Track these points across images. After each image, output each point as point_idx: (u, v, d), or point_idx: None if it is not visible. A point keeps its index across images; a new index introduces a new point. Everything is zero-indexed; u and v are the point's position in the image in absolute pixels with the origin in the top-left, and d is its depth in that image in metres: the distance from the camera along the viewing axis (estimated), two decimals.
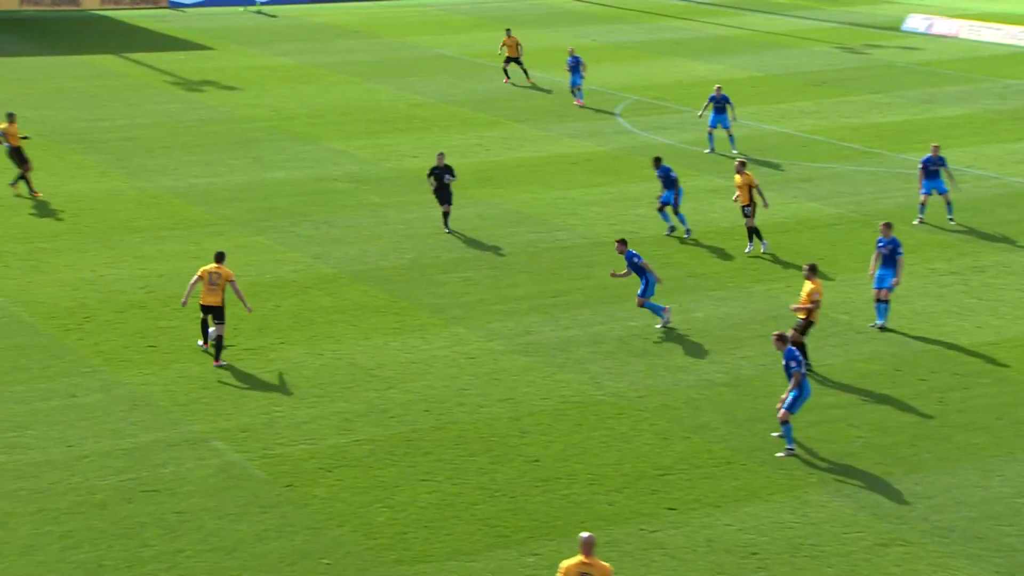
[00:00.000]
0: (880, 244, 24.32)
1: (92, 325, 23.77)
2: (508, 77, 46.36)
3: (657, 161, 29.56)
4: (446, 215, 29.51)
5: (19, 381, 21.29)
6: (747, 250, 28.28)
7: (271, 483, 18.24)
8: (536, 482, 18.43)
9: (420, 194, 32.46)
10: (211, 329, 22.23)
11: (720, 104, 36.71)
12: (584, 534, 13.70)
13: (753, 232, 28.35)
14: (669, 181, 29.17)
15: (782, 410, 19.17)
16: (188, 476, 18.34)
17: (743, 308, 25.33)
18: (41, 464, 18.54)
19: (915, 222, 30.44)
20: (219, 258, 22.42)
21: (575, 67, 43.00)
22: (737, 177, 28.18)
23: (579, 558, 13.61)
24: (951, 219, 30.64)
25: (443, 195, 29.32)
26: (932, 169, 30.24)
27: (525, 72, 46.19)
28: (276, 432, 19.77)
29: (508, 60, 46.02)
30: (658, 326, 24.06)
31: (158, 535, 16.82)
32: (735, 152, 36.74)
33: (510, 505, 17.80)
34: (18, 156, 31.49)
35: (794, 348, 19.45)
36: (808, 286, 21.94)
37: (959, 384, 21.96)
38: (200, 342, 22.71)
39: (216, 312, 21.96)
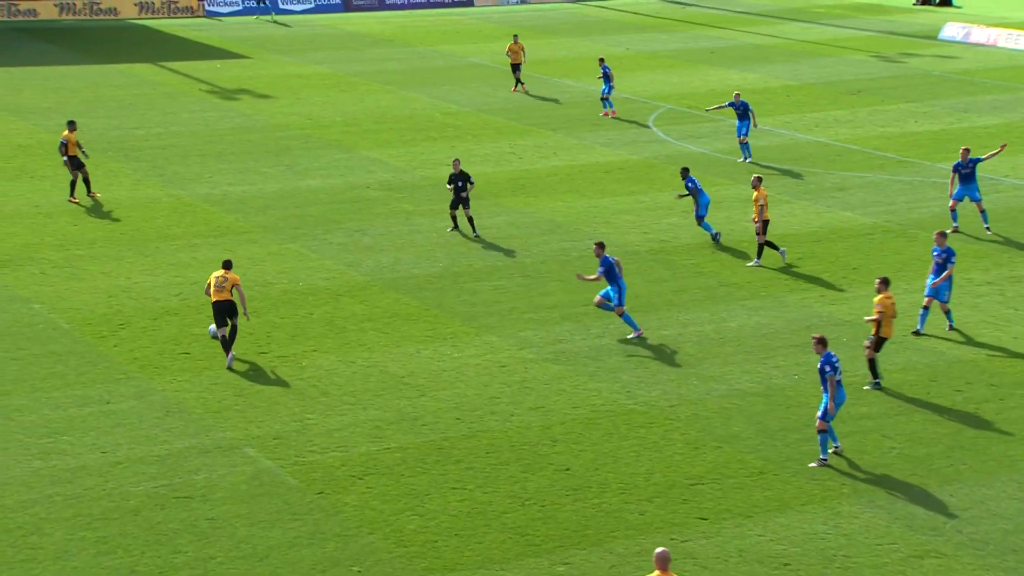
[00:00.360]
0: (935, 253, 24.29)
1: (127, 332, 23.95)
2: (521, 84, 46.35)
3: (685, 172, 29.69)
4: (471, 220, 29.69)
5: (55, 387, 21.47)
6: (752, 263, 28.02)
7: (303, 490, 18.30)
8: (567, 491, 18.40)
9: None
10: (212, 327, 22.66)
11: (741, 111, 36.58)
12: (659, 549, 13.67)
13: (765, 246, 27.96)
14: (696, 191, 29.40)
15: (819, 419, 19.11)
16: (220, 483, 18.43)
17: (776, 318, 25.21)
18: (76, 470, 18.68)
19: (949, 231, 30.20)
20: (227, 266, 22.86)
21: (606, 77, 42.90)
22: (754, 192, 27.95)
23: (656, 574, 13.55)
24: (987, 228, 30.40)
25: (460, 203, 29.47)
26: (964, 173, 30.04)
27: (516, 78, 46.26)
28: (308, 439, 19.84)
29: (514, 67, 46.25)
30: (630, 336, 23.88)
31: (190, 541, 16.91)
32: (740, 160, 36.70)
33: (540, 514, 17.78)
34: (74, 163, 31.83)
35: (832, 353, 19.33)
36: (878, 298, 21.71)
37: (995, 395, 21.75)
38: (228, 365, 22.64)
39: (229, 308, 22.32)
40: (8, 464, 18.78)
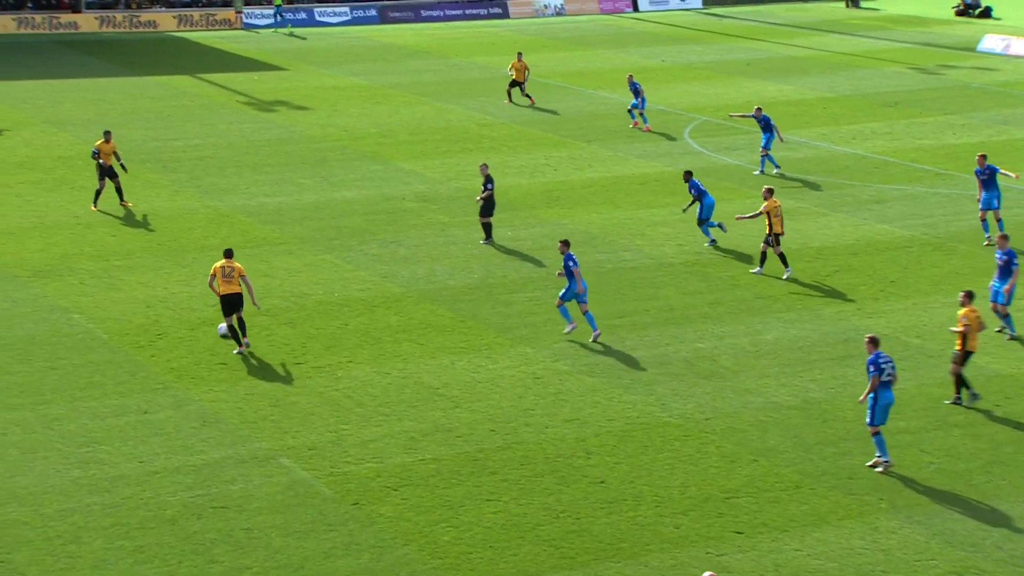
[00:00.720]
0: (998, 256, 24.40)
1: (164, 342, 24.11)
2: (510, 99, 46.48)
3: (688, 175, 30.23)
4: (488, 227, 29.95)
5: (94, 397, 21.64)
6: (754, 270, 28.11)
7: (338, 501, 18.35)
8: (601, 504, 18.35)
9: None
10: (221, 325, 23.41)
11: (763, 124, 36.54)
12: (706, 573, 13.59)
13: (777, 257, 27.95)
14: (700, 193, 29.80)
15: (868, 424, 19.12)
16: (256, 493, 18.51)
17: (813, 331, 25.07)
18: (114, 479, 18.81)
19: (984, 243, 29.96)
20: (228, 254, 23.62)
21: (636, 91, 42.83)
22: (764, 203, 27.84)
23: None
24: (987, 239, 30.14)
25: (488, 207, 29.65)
26: (983, 179, 30.05)
27: (524, 94, 46.28)
28: (343, 450, 19.89)
29: (513, 83, 46.30)
30: (566, 330, 24.28)
31: (227, 551, 16.98)
32: (756, 173, 36.68)
33: (575, 526, 17.74)
34: (108, 173, 32.13)
35: (882, 354, 19.24)
36: (963, 312, 21.56)
37: None
38: (235, 351, 23.44)
39: (237, 300, 23.08)
40: (48, 473, 18.94)
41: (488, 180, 29.82)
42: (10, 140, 39.80)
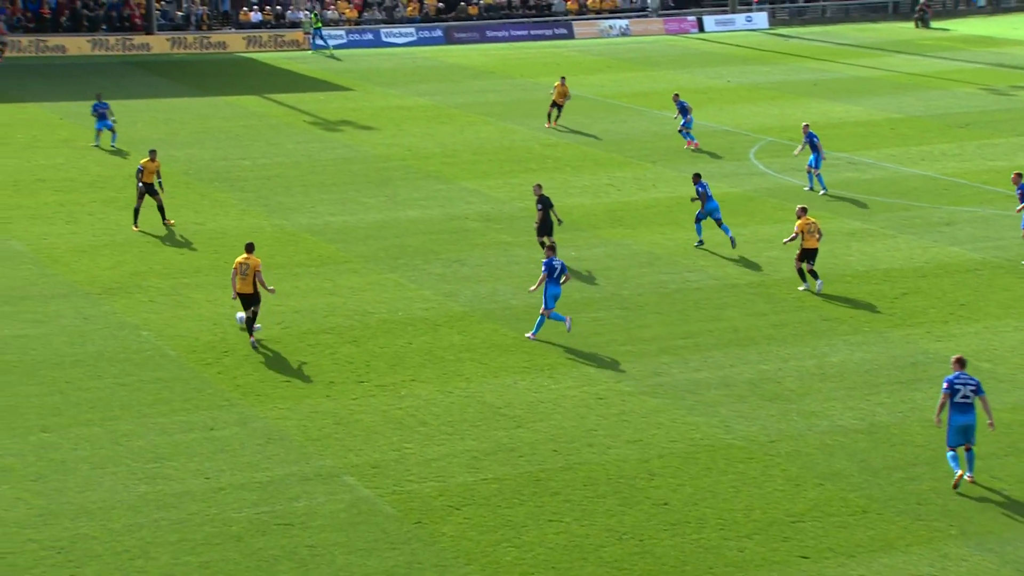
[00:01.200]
0: None
1: (230, 359, 24.36)
2: (551, 122, 45.86)
3: (696, 177, 31.30)
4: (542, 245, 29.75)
5: (161, 413, 21.90)
6: (817, 288, 28.15)
7: (400, 519, 18.39)
8: (665, 526, 18.23)
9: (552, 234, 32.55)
10: (240, 314, 25.08)
11: (810, 142, 36.46)
12: None
13: (807, 273, 28.12)
14: (705, 196, 30.85)
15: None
16: (320, 510, 18.61)
17: (880, 353, 24.75)
18: (181, 495, 19.01)
19: None
20: (249, 248, 24.72)
21: (683, 111, 42.77)
22: (801, 220, 27.87)
23: None
24: None
25: (549, 226, 29.58)
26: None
27: (557, 116, 45.74)
28: (406, 469, 19.95)
29: (554, 104, 45.84)
30: (566, 328, 25.13)
31: (291, 568, 17.07)
32: (806, 189, 36.65)
33: (638, 549, 17.63)
34: (149, 191, 32.51)
35: (963, 374, 19.14)
36: None
37: None
38: (251, 341, 24.74)
39: (250, 299, 24.41)
40: (116, 488, 19.18)
41: (539, 200, 29.77)
42: (83, 159, 40.52)
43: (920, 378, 23.41)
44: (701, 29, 74.74)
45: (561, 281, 25.09)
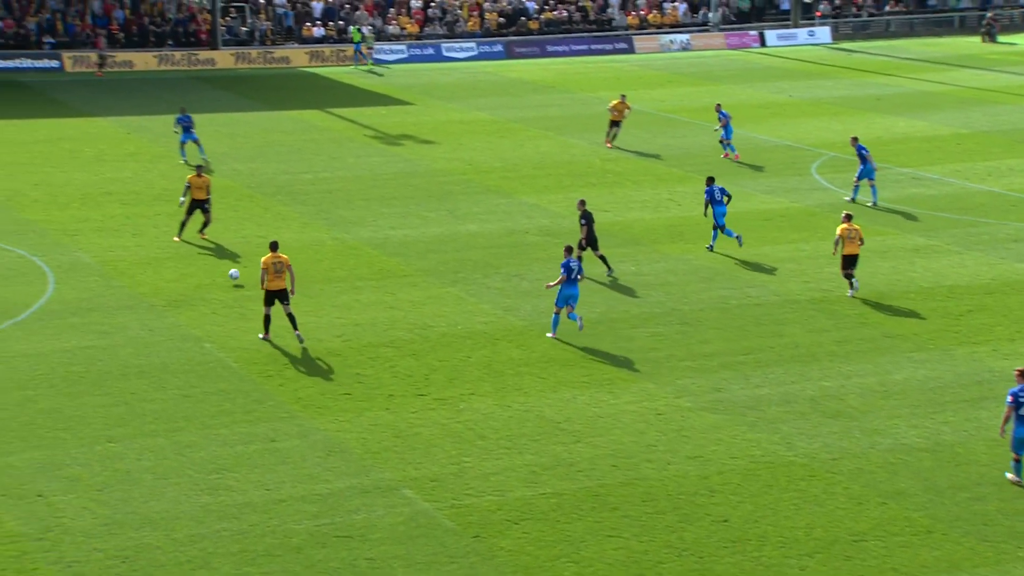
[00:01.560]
0: None
1: (291, 371, 24.56)
2: (609, 141, 44.95)
3: (710, 181, 32.04)
4: (603, 259, 30.16)
5: (223, 425, 22.12)
6: (850, 294, 28.59)
7: (459, 533, 18.42)
8: (725, 543, 18.09)
9: (611, 248, 32.54)
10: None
11: (859, 154, 36.39)
12: None
13: (845, 277, 28.76)
14: (716, 201, 31.57)
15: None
16: (379, 523, 18.69)
17: (945, 371, 24.42)
18: (242, 506, 19.18)
19: None
20: (274, 247, 25.83)
21: (726, 122, 42.64)
22: (843, 226, 28.38)
23: None
24: None
25: (594, 240, 29.84)
26: None
27: (613, 136, 44.85)
28: (464, 482, 19.98)
29: (612, 123, 44.85)
30: (579, 328, 25.82)
31: None
32: (846, 199, 36.79)
33: (698, 565, 17.51)
34: (199, 206, 32.90)
35: None
36: None
37: None
38: (261, 335, 25.76)
39: (282, 295, 25.50)
40: (179, 499, 19.39)
41: (583, 216, 29.78)
42: (149, 173, 41.10)
43: (986, 396, 23.06)
44: (763, 44, 74.35)
45: (578, 280, 25.95)
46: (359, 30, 66.21)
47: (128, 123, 49.77)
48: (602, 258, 30.21)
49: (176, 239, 33.09)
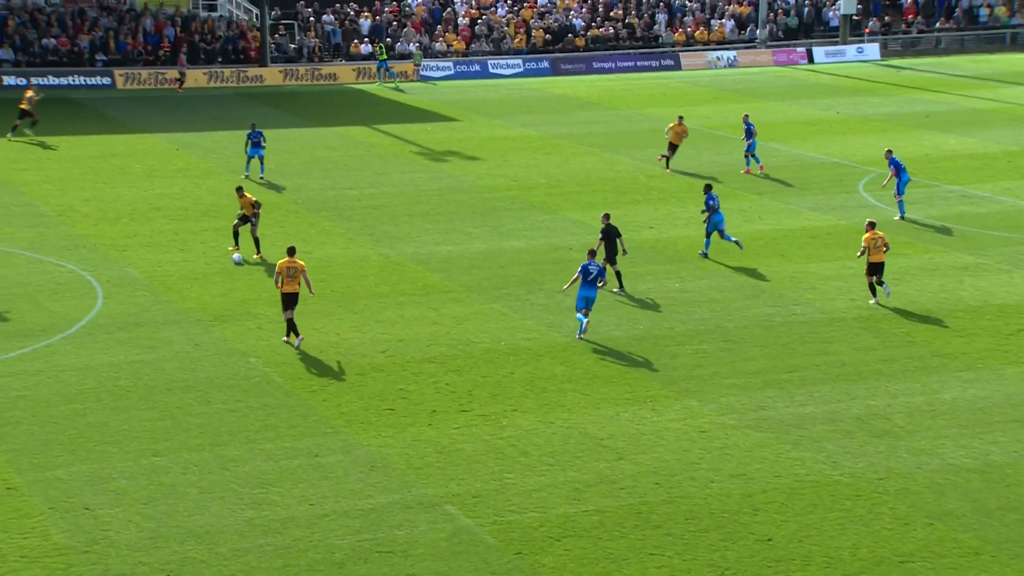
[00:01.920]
0: None
1: (335, 387, 24.66)
2: (667, 165, 43.82)
3: (707, 188, 33.24)
4: (618, 275, 30.30)
5: (268, 439, 22.24)
6: (873, 301, 29.10)
7: (501, 550, 18.39)
8: (769, 562, 17.94)
9: (655, 265, 32.49)
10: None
11: (895, 168, 36.75)
12: None
13: (875, 285, 29.21)
14: (714, 209, 32.67)
15: None
16: (421, 539, 18.70)
17: (994, 391, 24.11)
18: (285, 521, 19.26)
19: None
20: (291, 252, 26.56)
21: (749, 133, 42.69)
22: (867, 235, 29.12)
23: None
24: None
25: (612, 254, 29.95)
26: None
27: (668, 158, 43.82)
28: (507, 499, 19.96)
29: (672, 147, 43.64)
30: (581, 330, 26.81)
31: None
32: (896, 219, 36.72)
33: None
34: (247, 221, 33.25)
35: None
36: None
37: None
38: (284, 338, 26.70)
39: (295, 298, 26.36)
40: (223, 513, 19.51)
41: (604, 231, 29.91)
42: (197, 189, 41.51)
43: None
44: (811, 60, 73.97)
45: (599, 285, 26.86)
46: (381, 48, 66.32)
47: (177, 139, 50.31)
48: (617, 274, 30.26)
49: (231, 249, 33.48)
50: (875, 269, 28.93)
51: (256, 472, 20.88)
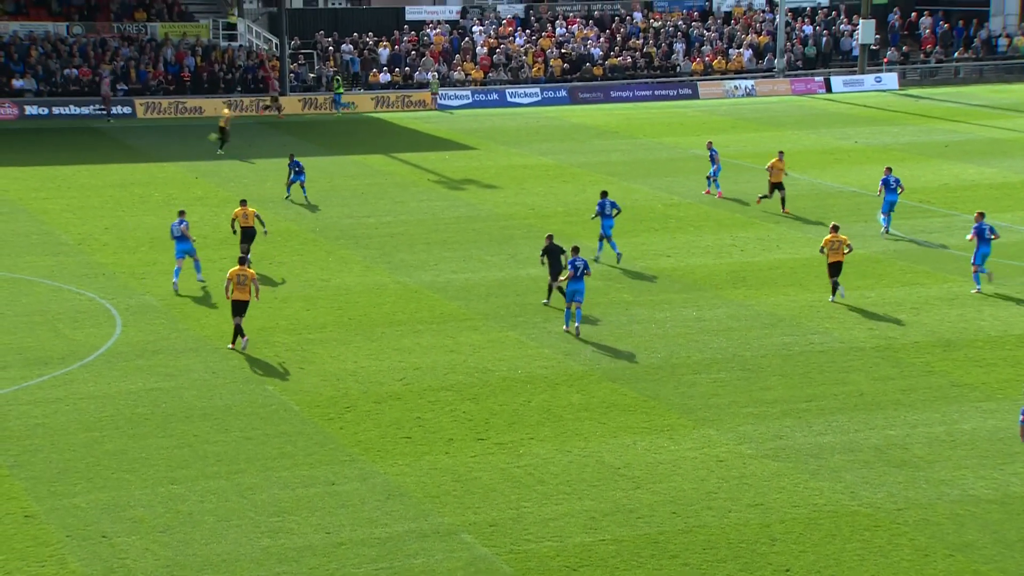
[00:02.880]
0: None
1: (352, 415, 24.67)
2: (784, 207, 41.41)
3: (603, 194, 35.22)
4: (550, 288, 31.36)
5: (284, 467, 22.24)
6: (831, 299, 31.11)
7: None
8: None
9: (672, 293, 32.45)
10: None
11: (890, 186, 38.01)
12: None
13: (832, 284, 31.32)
14: (605, 215, 34.64)
15: None
16: (438, 568, 18.64)
17: (1014, 422, 23.93)
18: (302, 549, 19.23)
19: None
20: (242, 261, 27.97)
21: (712, 160, 43.57)
22: (828, 236, 31.19)
23: None
24: None
25: (556, 269, 30.76)
26: None
27: (783, 198, 41.55)
28: (523, 528, 19.89)
29: (774, 185, 41.09)
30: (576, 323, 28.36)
31: None
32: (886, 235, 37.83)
33: None
34: (247, 236, 33.54)
35: None
36: None
37: None
38: (229, 345, 27.84)
39: (244, 306, 27.52)
40: (240, 541, 19.50)
41: (546, 250, 30.81)
42: (216, 217, 41.70)
43: None
44: (829, 90, 74.02)
45: (583, 276, 28.50)
46: (338, 82, 66.14)
47: (196, 168, 50.59)
48: (550, 288, 31.14)
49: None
50: (835, 269, 31.29)
51: (273, 500, 20.87)
